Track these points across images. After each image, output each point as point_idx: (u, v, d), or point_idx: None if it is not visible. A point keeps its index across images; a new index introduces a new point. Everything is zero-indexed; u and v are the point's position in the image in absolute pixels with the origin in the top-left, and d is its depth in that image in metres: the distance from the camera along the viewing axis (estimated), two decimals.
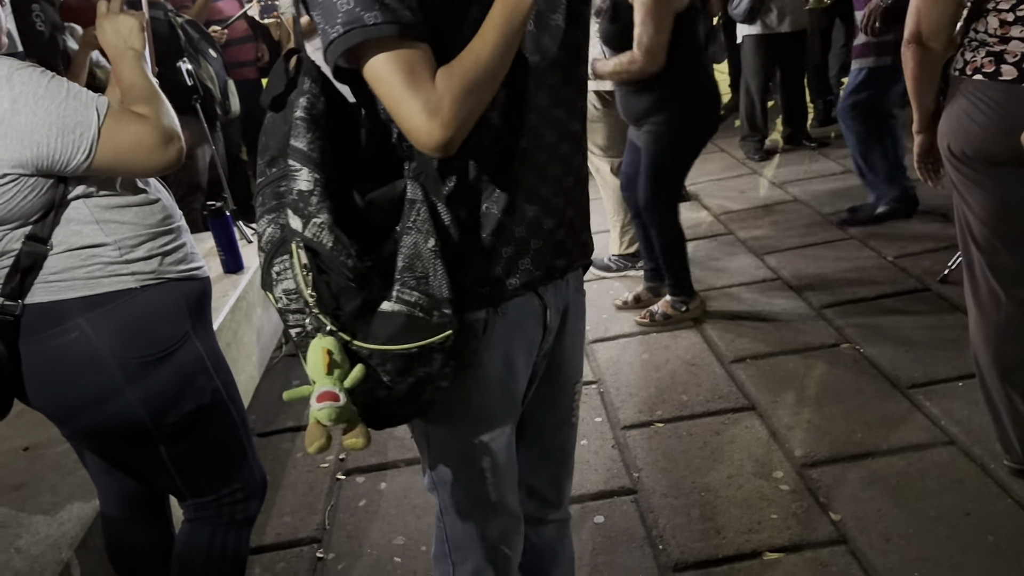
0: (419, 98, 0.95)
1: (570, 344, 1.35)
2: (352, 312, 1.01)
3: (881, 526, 1.99)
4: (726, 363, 2.87)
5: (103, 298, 1.41)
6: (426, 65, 0.97)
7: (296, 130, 1.01)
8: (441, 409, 1.20)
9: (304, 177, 0.98)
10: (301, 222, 0.98)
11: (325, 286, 1.00)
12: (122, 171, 1.41)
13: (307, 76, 1.04)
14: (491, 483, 1.26)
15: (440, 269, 1.02)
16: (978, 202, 1.85)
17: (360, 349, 1.02)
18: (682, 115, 2.96)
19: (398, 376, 1.05)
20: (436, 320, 1.02)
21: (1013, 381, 1.97)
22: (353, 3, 0.95)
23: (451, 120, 0.96)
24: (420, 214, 1.02)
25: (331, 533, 2.29)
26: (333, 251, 0.97)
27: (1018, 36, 1.68)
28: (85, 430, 1.52)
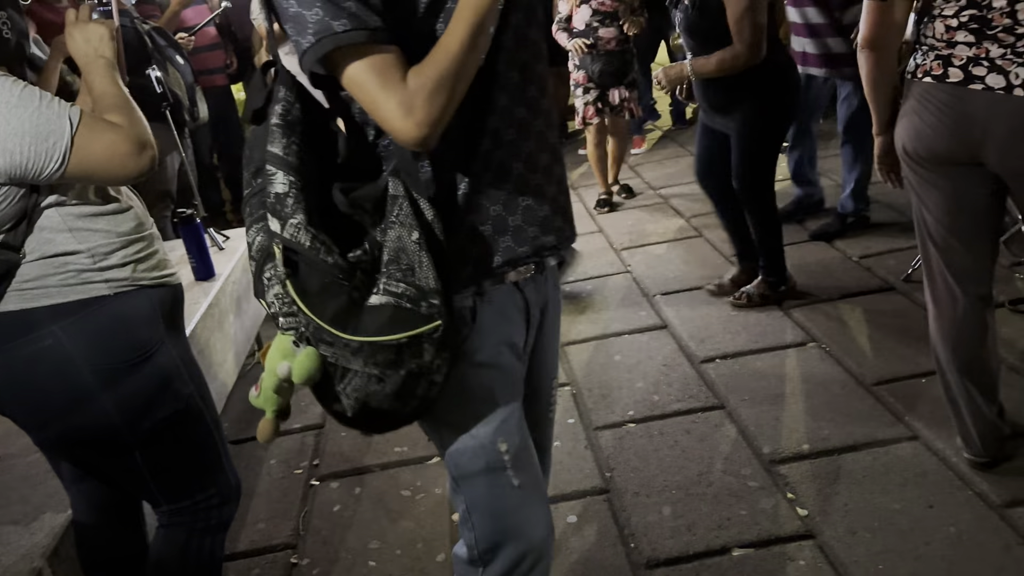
0: (393, 98, 1.00)
1: (548, 340, 1.39)
2: (340, 308, 1.04)
3: (847, 520, 2.04)
4: (696, 363, 2.91)
5: (76, 305, 1.42)
6: (397, 66, 1.01)
7: (272, 136, 1.04)
8: (446, 403, 1.19)
9: (280, 180, 1.02)
10: (279, 224, 1.02)
11: (309, 284, 1.03)
12: (96, 179, 1.41)
13: (281, 84, 1.08)
14: (512, 468, 1.26)
15: (425, 261, 1.04)
16: (933, 201, 1.91)
17: (350, 342, 1.04)
18: (772, 98, 2.99)
19: (389, 369, 1.07)
20: (424, 311, 1.05)
21: (971, 376, 2.02)
22: (322, 12, 0.98)
23: (425, 116, 1.00)
24: (403, 208, 1.05)
25: (305, 539, 2.29)
26: (311, 250, 1.00)
27: (963, 40, 1.74)
28: (59, 437, 1.52)
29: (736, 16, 2.81)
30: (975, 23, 1.71)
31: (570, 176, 5.64)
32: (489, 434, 1.24)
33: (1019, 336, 2.70)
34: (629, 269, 3.87)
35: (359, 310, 1.05)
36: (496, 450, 1.25)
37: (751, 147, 3.06)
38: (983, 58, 1.72)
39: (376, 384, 1.08)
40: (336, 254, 1.02)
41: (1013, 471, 2.09)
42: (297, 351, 1.09)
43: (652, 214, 4.60)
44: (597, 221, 4.61)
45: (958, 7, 1.71)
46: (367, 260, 1.06)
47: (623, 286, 3.69)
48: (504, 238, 1.19)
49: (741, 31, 2.82)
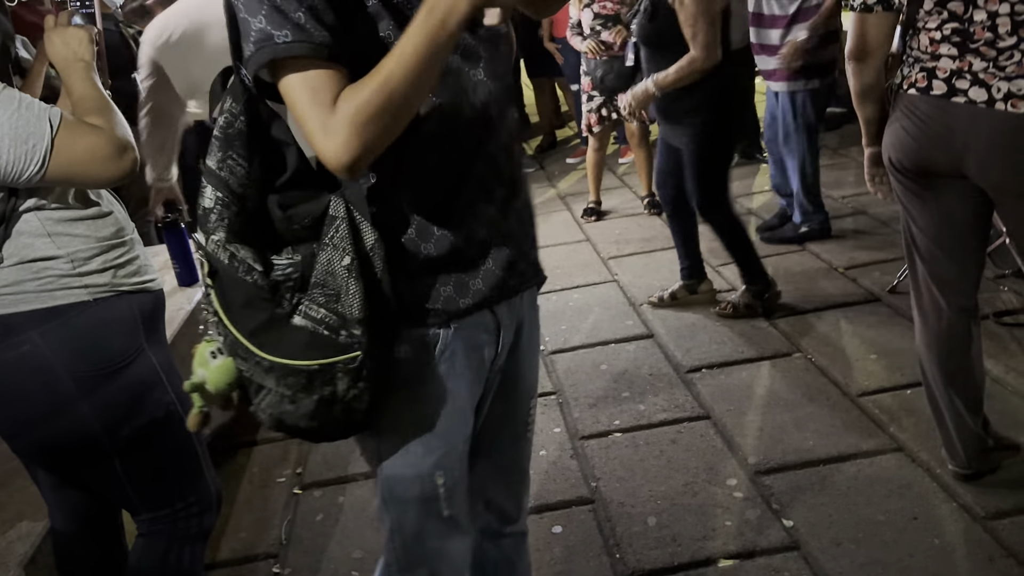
0: (317, 120, 0.95)
1: (526, 360, 1.35)
2: (259, 324, 1.03)
3: (832, 531, 2.04)
4: (682, 373, 2.91)
5: (56, 311, 1.40)
6: (331, 87, 0.96)
7: (211, 148, 1.02)
8: (394, 427, 1.18)
9: (208, 195, 1.01)
10: (204, 237, 1.02)
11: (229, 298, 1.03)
12: (76, 182, 1.40)
13: (229, 95, 1.03)
14: (444, 500, 1.24)
15: (354, 288, 1.01)
16: (919, 212, 1.92)
17: (262, 360, 1.03)
18: (722, 109, 3.01)
19: (300, 392, 1.05)
20: (343, 340, 1.02)
21: (956, 387, 2.03)
22: (265, 21, 0.95)
23: (348, 145, 0.95)
24: (339, 231, 1.01)
25: (288, 548, 2.27)
26: (229, 267, 1.00)
27: (947, 53, 1.75)
28: (37, 444, 1.50)
29: (689, 20, 2.84)
30: (958, 36, 1.72)
31: (557, 185, 5.65)
32: (429, 466, 1.21)
33: (1004, 348, 2.71)
34: (616, 278, 3.87)
35: (280, 329, 1.03)
36: (433, 482, 1.22)
37: (702, 158, 3.09)
38: (966, 71, 1.73)
39: (288, 404, 1.06)
40: (258, 273, 1.01)
41: (997, 483, 2.09)
42: (212, 362, 1.09)
43: (639, 223, 4.61)
44: (584, 230, 4.61)
45: (941, 20, 1.72)
46: (295, 278, 1.03)
47: (610, 295, 3.69)
48: (475, 280, 1.15)
49: (695, 35, 2.84)
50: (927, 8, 1.71)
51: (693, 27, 2.83)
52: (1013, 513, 2.00)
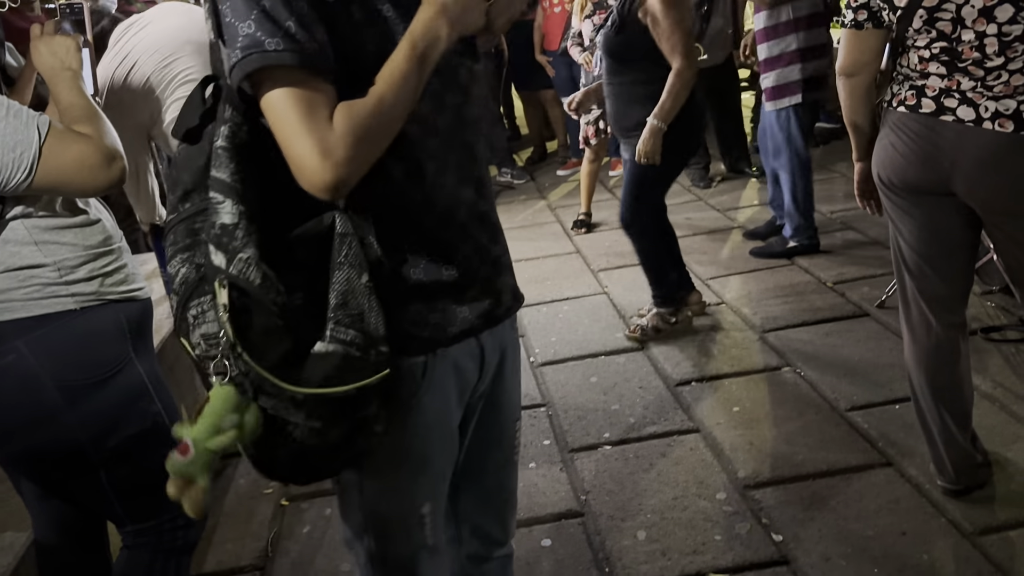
0: (313, 137, 0.91)
1: (510, 383, 1.33)
2: (283, 355, 0.95)
3: (821, 546, 2.03)
4: (672, 385, 2.91)
5: (42, 320, 1.39)
6: (326, 101, 0.93)
7: (218, 160, 0.95)
8: (380, 457, 1.15)
9: (228, 210, 0.93)
10: (225, 258, 0.92)
11: (252, 328, 0.93)
12: (64, 191, 1.39)
13: (228, 104, 0.98)
14: (430, 527, 1.22)
15: (375, 306, 0.98)
16: (908, 229, 1.93)
17: (296, 394, 0.96)
18: (669, 130, 2.99)
19: (332, 421, 1.00)
20: (373, 359, 0.98)
21: (944, 403, 2.03)
22: (255, 27, 0.91)
23: (344, 162, 0.92)
24: (352, 248, 0.98)
25: (274, 561, 2.24)
26: (262, 288, 0.92)
27: (935, 72, 1.77)
28: (21, 454, 1.48)
29: (666, 35, 2.85)
30: (946, 55, 1.73)
31: (548, 197, 5.65)
32: (417, 497, 1.19)
33: (992, 364, 2.73)
34: (606, 290, 3.87)
35: (302, 358, 0.96)
36: (419, 513, 1.20)
37: (637, 178, 3.12)
38: (954, 90, 1.75)
39: (316, 438, 1.00)
40: (284, 295, 0.94)
41: (986, 499, 2.10)
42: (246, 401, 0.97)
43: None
44: (575, 242, 4.62)
45: (929, 39, 1.74)
46: (313, 304, 0.97)
47: (600, 307, 3.69)
48: (462, 308, 1.13)
49: (674, 47, 2.86)
50: (916, 27, 1.73)
51: (671, 40, 2.86)
52: (1002, 529, 2.00)
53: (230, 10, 0.93)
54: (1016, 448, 2.28)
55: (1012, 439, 2.33)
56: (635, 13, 2.92)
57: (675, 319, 3.27)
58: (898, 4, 1.72)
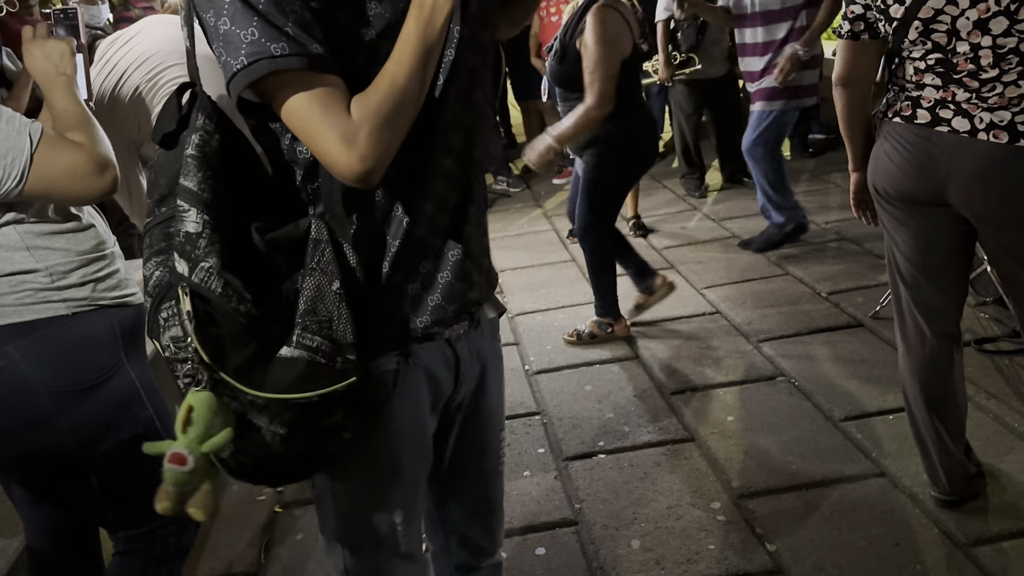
0: (335, 130, 0.92)
1: (493, 394, 1.32)
2: (246, 359, 0.96)
3: (815, 556, 2.03)
4: (667, 395, 2.91)
5: (33, 325, 1.38)
6: (340, 96, 0.94)
7: (186, 169, 0.96)
8: (352, 465, 1.15)
9: (192, 219, 0.94)
10: (188, 266, 0.93)
11: (214, 333, 0.94)
12: (55, 198, 1.38)
13: (201, 112, 0.98)
14: (402, 535, 1.22)
15: (345, 313, 0.98)
16: (903, 239, 1.93)
17: (256, 398, 0.96)
18: (621, 147, 3.12)
19: (297, 427, 1.00)
20: (339, 366, 0.98)
21: (938, 414, 2.04)
22: (258, 33, 0.91)
23: (370, 151, 0.93)
24: (324, 255, 0.98)
25: (267, 567, 2.23)
26: (222, 297, 0.93)
27: (931, 83, 1.77)
28: (12, 460, 1.48)
29: (589, 67, 2.92)
30: (941, 67, 1.74)
31: (544, 205, 5.66)
32: (388, 504, 1.19)
33: (985, 375, 2.73)
34: None
35: (266, 363, 0.96)
36: (391, 520, 1.20)
37: (592, 188, 3.20)
38: (950, 101, 1.75)
39: (280, 445, 1.01)
40: (248, 302, 0.94)
41: (979, 510, 2.10)
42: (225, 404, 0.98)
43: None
44: (570, 250, 4.62)
45: (925, 50, 1.74)
46: (280, 308, 0.98)
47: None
48: (433, 296, 1.12)
49: (592, 83, 2.92)
50: (912, 38, 1.73)
51: (592, 74, 2.91)
52: (995, 540, 2.00)
53: (228, 18, 0.92)
54: (1010, 459, 2.29)
55: (1006, 450, 2.33)
56: (574, 42, 2.99)
57: (611, 329, 3.37)
58: (894, 15, 1.73)
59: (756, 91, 4.04)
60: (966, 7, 1.64)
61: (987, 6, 1.62)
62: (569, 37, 3.01)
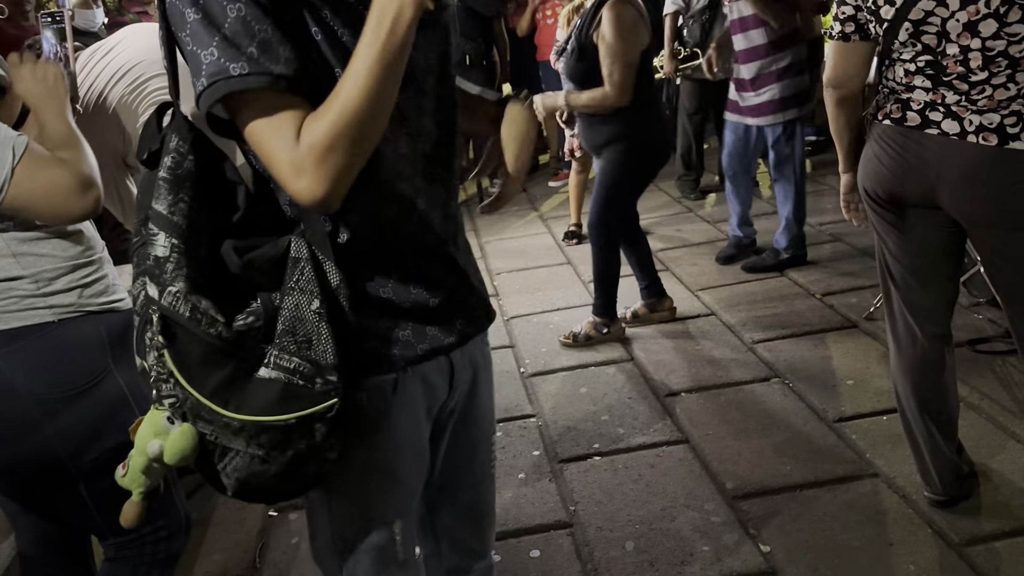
0: (284, 158, 0.90)
1: (483, 399, 1.32)
2: (222, 380, 0.95)
3: (809, 557, 2.04)
4: (661, 396, 2.91)
5: (19, 332, 1.38)
6: (292, 121, 0.90)
7: (157, 191, 0.95)
8: (350, 476, 1.13)
9: (160, 242, 0.93)
10: (157, 290, 0.93)
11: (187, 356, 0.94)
12: (35, 213, 1.37)
13: (174, 132, 0.97)
14: (400, 544, 1.21)
15: (325, 333, 0.96)
16: (893, 241, 1.94)
17: (231, 420, 0.95)
18: (637, 146, 3.14)
19: (274, 450, 0.98)
20: (319, 388, 0.96)
21: (931, 414, 2.04)
22: (218, 54, 0.89)
23: (317, 178, 0.89)
24: (304, 274, 0.96)
25: (262, 572, 2.23)
26: (191, 321, 0.92)
27: (920, 85, 1.78)
28: (0, 468, 1.47)
29: (607, 59, 2.97)
30: (931, 69, 1.75)
31: (539, 208, 5.67)
32: (388, 514, 1.17)
33: (979, 376, 2.74)
34: None
35: (244, 383, 0.95)
36: (391, 530, 1.19)
37: (607, 189, 3.23)
38: (939, 103, 1.76)
39: (260, 465, 0.99)
40: (221, 324, 0.93)
41: (972, 510, 2.11)
42: (171, 428, 0.99)
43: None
44: (565, 253, 4.63)
45: (915, 52, 1.75)
46: (258, 327, 0.96)
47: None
48: (431, 328, 1.12)
49: (611, 74, 2.98)
50: (902, 40, 1.74)
51: (610, 66, 2.97)
52: (988, 539, 2.01)
53: (191, 39, 0.90)
54: (1002, 459, 2.30)
55: (998, 450, 2.34)
56: (591, 38, 3.03)
57: (607, 330, 3.38)
58: (884, 17, 1.74)
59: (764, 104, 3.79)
60: (956, 9, 1.65)
61: (977, 8, 1.63)
62: (585, 35, 3.04)
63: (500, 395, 3.03)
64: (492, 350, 3.33)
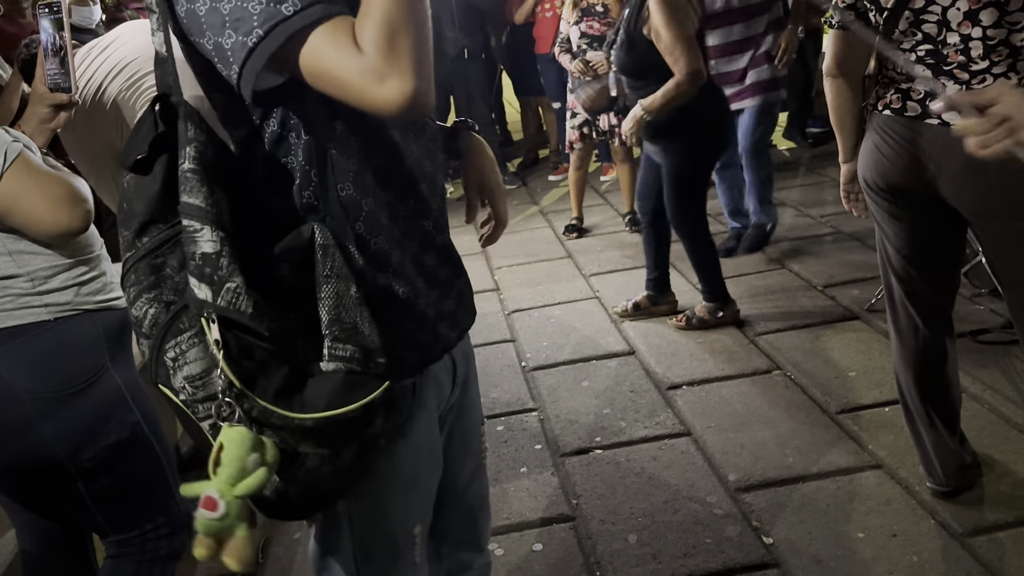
0: (356, 71, 0.83)
1: (473, 391, 1.32)
2: (282, 383, 0.91)
3: (812, 548, 2.04)
4: (663, 390, 2.91)
5: (15, 331, 1.38)
6: (348, 36, 0.84)
7: (187, 184, 0.89)
8: (372, 486, 1.10)
9: (207, 237, 0.87)
10: (211, 290, 0.87)
11: (247, 361, 0.88)
12: (20, 220, 1.35)
13: (189, 121, 0.91)
14: (418, 547, 1.19)
15: (367, 315, 0.93)
16: (894, 232, 1.93)
17: (304, 421, 0.91)
18: (701, 128, 3.09)
19: (342, 443, 0.95)
20: (374, 371, 0.94)
21: (933, 405, 2.04)
22: (265, 2, 0.84)
23: (399, 71, 0.83)
24: (336, 259, 0.93)
25: (265, 567, 2.23)
26: (255, 317, 0.87)
27: (920, 75, 1.77)
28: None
29: (668, 49, 2.90)
30: (931, 58, 1.74)
31: (540, 202, 5.66)
32: (408, 517, 1.16)
33: (981, 366, 2.73)
34: (597, 295, 3.87)
35: (302, 383, 0.92)
36: (411, 535, 1.17)
37: (679, 181, 3.19)
38: (940, 93, 1.75)
39: (328, 465, 0.96)
40: (279, 320, 0.88)
41: (974, 500, 2.10)
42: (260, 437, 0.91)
43: (621, 240, 4.62)
44: (566, 247, 4.62)
45: (915, 41, 1.74)
46: (301, 323, 0.92)
47: (591, 312, 3.69)
48: (442, 325, 1.12)
49: (676, 60, 2.90)
50: (902, 28, 1.73)
51: (673, 54, 2.90)
52: (991, 530, 2.01)
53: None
54: (1005, 449, 2.29)
55: (1001, 440, 2.34)
56: (640, 30, 2.98)
57: (721, 314, 3.32)
58: (884, 5, 1.73)
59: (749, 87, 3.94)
60: None
61: None
62: (634, 26, 3.01)
63: (501, 389, 3.03)
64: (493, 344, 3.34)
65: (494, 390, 3.03)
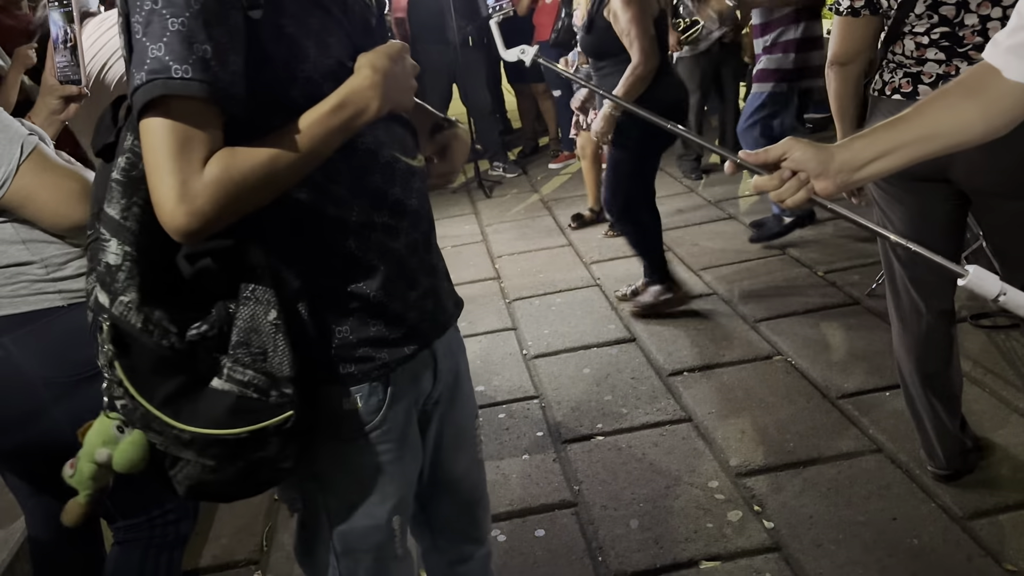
0: (177, 177, 0.84)
1: (465, 385, 1.33)
2: (173, 391, 0.92)
3: (813, 532, 2.05)
4: (664, 376, 2.92)
5: (29, 316, 1.39)
6: (205, 143, 0.85)
7: (111, 194, 0.91)
8: (348, 480, 1.13)
9: (112, 249, 0.90)
10: (108, 298, 0.90)
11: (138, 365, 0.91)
12: (34, 212, 1.35)
13: (130, 131, 0.91)
14: (398, 539, 1.20)
15: (282, 344, 0.93)
16: (898, 216, 1.93)
17: (182, 432, 0.92)
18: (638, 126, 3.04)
19: (225, 461, 0.96)
20: (274, 400, 0.94)
21: (934, 389, 2.04)
22: (165, 50, 0.83)
23: (200, 213, 0.85)
24: (260, 282, 0.93)
25: (269, 554, 2.25)
26: (143, 332, 0.89)
27: (933, 58, 1.76)
28: (10, 451, 1.49)
29: (624, 31, 2.96)
30: (946, 40, 1.73)
31: (540, 190, 5.66)
32: (386, 512, 1.17)
33: (981, 350, 2.74)
34: (599, 282, 3.88)
35: (196, 394, 0.92)
36: (390, 528, 1.18)
37: (619, 163, 3.23)
38: (953, 75, 1.74)
39: (210, 474, 0.97)
40: (174, 336, 0.90)
41: (975, 484, 2.11)
42: (120, 437, 0.97)
43: None
44: (567, 235, 4.62)
45: (930, 24, 1.73)
46: (212, 336, 0.93)
47: (592, 299, 3.69)
48: (417, 321, 1.12)
49: (631, 44, 2.96)
50: (918, 12, 1.71)
51: (628, 36, 2.95)
52: (991, 513, 2.02)
53: (142, 27, 0.84)
54: (1005, 433, 2.30)
55: (1001, 424, 2.35)
56: (601, 13, 3.04)
57: (667, 296, 3.35)
58: None
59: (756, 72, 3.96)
60: None
61: None
62: (596, 8, 3.06)
63: (503, 377, 3.04)
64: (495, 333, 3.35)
65: (496, 378, 3.05)
